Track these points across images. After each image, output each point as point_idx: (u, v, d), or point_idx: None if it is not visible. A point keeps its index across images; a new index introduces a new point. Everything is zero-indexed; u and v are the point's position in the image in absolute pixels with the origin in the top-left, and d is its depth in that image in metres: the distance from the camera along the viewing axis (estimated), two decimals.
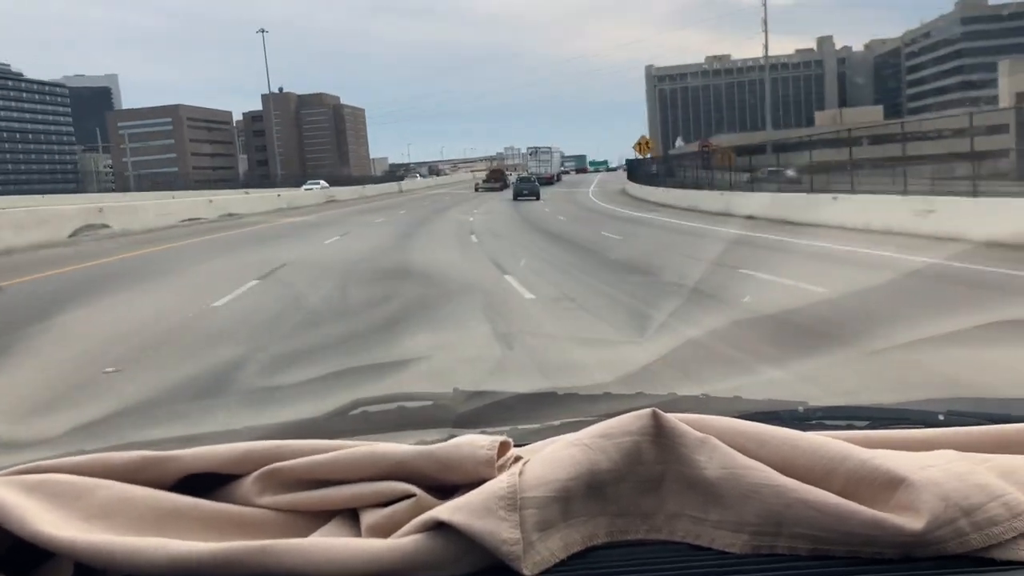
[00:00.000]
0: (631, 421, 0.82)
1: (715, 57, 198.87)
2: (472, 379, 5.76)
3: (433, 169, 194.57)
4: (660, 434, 0.81)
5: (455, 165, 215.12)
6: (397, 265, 15.33)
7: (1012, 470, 0.84)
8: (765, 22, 63.23)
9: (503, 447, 0.87)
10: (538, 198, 49.26)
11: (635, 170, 59.71)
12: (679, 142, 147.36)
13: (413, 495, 0.84)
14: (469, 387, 1.69)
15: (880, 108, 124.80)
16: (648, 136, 56.74)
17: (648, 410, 0.83)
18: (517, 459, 0.87)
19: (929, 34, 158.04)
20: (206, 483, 0.93)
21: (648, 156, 51.48)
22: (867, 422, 1.25)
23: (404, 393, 1.93)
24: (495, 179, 69.53)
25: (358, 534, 0.83)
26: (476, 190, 65.64)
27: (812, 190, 24.51)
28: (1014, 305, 8.80)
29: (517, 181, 55.93)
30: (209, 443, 0.96)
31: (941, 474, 0.80)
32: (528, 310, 9.56)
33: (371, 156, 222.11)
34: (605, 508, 0.81)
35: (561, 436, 0.90)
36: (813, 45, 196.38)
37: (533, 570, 0.77)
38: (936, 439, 0.93)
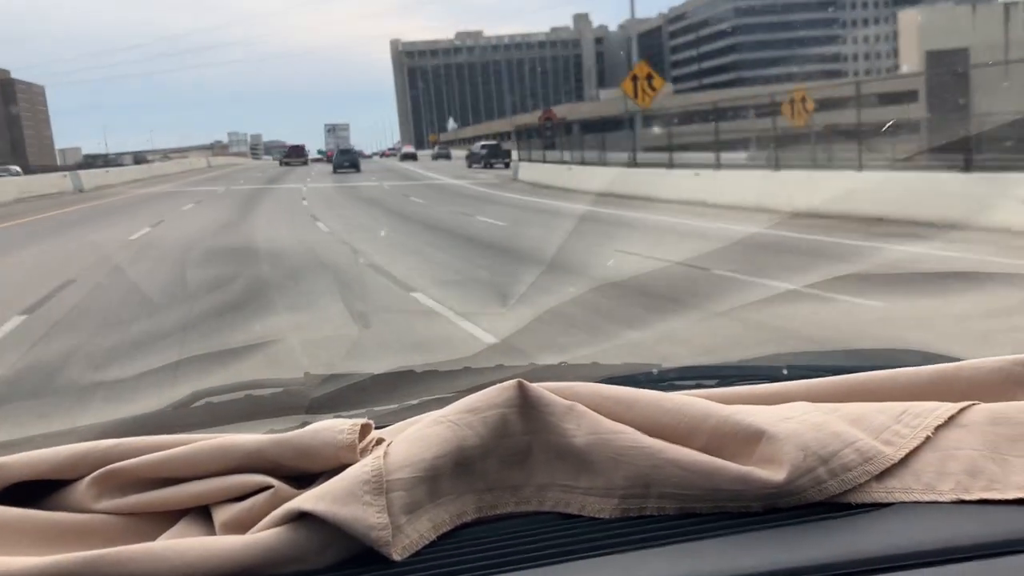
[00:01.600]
0: (497, 393, 0.82)
1: (466, 33, 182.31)
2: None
3: (139, 159, 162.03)
4: (526, 404, 0.81)
5: (166, 155, 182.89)
6: None
7: (860, 417, 0.88)
8: None
9: (364, 430, 0.85)
10: (358, 170, 49.58)
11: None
12: (451, 124, 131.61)
13: (270, 487, 0.80)
14: (321, 370, 1.63)
15: (670, 86, 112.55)
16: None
17: (513, 381, 0.82)
18: (379, 441, 0.85)
19: (684, 15, 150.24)
20: (36, 491, 0.86)
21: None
22: (717, 380, 1.31)
23: (251, 381, 1.75)
24: (297, 155, 75.54)
25: (212, 533, 0.79)
26: (280, 164, 72.22)
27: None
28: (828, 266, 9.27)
29: (338, 154, 58.89)
30: (36, 447, 0.90)
31: (799, 425, 0.83)
32: None
33: (59, 146, 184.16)
34: (473, 484, 0.80)
35: (425, 415, 0.88)
36: (569, 23, 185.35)
37: (403, 554, 0.75)
38: (786, 392, 0.97)
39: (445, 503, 0.79)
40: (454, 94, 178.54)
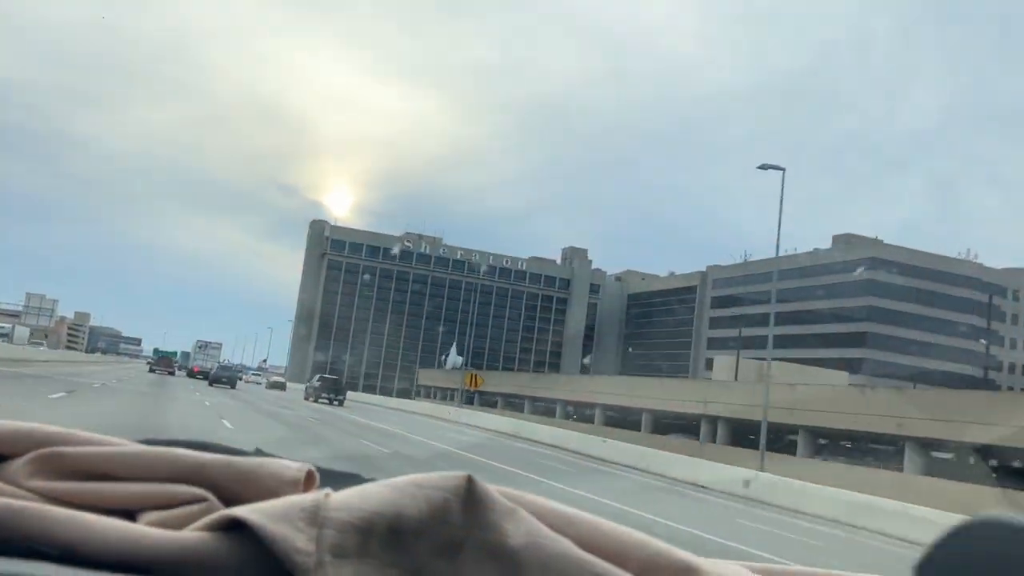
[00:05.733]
0: (445, 479, 0.82)
1: (419, 236, 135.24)
2: None
3: None
4: (471, 498, 0.81)
5: None
6: None
7: None
8: None
9: (310, 475, 0.86)
10: (234, 386, 56.50)
11: None
12: (454, 357, 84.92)
13: (204, 500, 0.80)
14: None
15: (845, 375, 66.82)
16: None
17: (464, 473, 0.83)
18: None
19: (747, 276, 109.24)
20: None
21: None
22: None
23: (201, 442, 1.75)
24: (165, 365, 78.69)
25: None
26: (152, 371, 74.18)
27: None
28: None
29: (218, 369, 68.84)
30: None
31: (733, 569, 0.86)
32: None
33: None
34: (401, 560, 0.78)
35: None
36: (556, 258, 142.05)
37: None
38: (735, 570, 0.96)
39: (371, 565, 0.77)
40: (387, 312, 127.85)
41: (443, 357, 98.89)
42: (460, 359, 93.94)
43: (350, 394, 64.07)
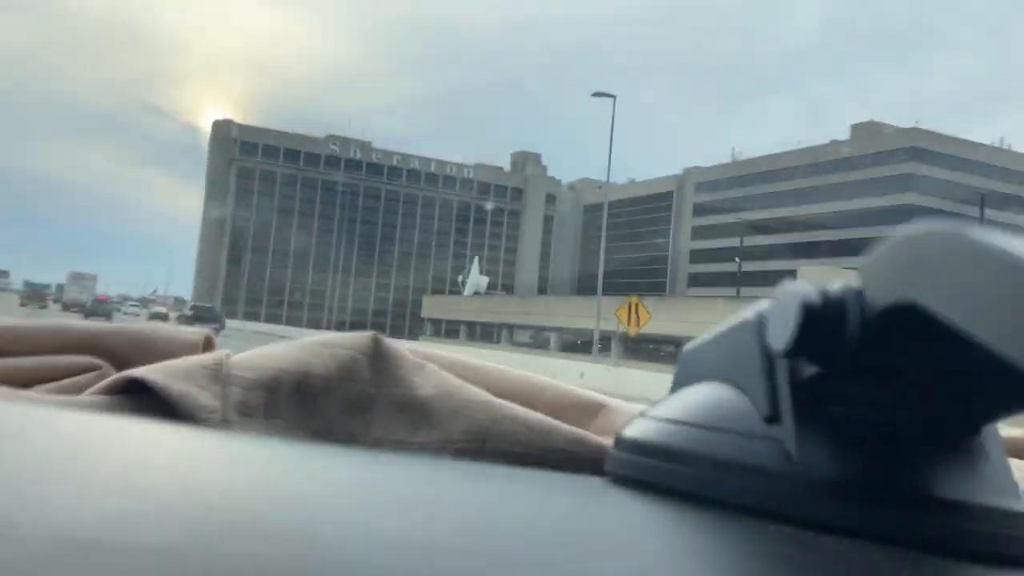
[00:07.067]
0: (351, 338, 0.80)
1: (346, 139, 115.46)
2: None
3: None
4: (378, 355, 0.79)
5: None
6: None
7: None
8: None
9: (208, 341, 0.84)
10: (110, 318, 50.59)
11: None
12: (476, 277, 68.79)
13: (99, 368, 0.78)
14: None
15: None
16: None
17: (369, 332, 0.81)
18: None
19: (728, 176, 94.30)
20: None
21: None
22: None
23: None
24: (37, 299, 74.62)
25: None
26: (23, 305, 67.35)
27: None
28: None
29: (93, 302, 64.74)
30: None
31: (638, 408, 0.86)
32: None
33: None
34: (309, 421, 0.75)
35: None
36: (506, 165, 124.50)
37: None
38: None
39: (278, 425, 0.73)
40: (311, 229, 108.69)
41: (459, 279, 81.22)
42: (485, 280, 75.64)
43: (257, 325, 62.37)
